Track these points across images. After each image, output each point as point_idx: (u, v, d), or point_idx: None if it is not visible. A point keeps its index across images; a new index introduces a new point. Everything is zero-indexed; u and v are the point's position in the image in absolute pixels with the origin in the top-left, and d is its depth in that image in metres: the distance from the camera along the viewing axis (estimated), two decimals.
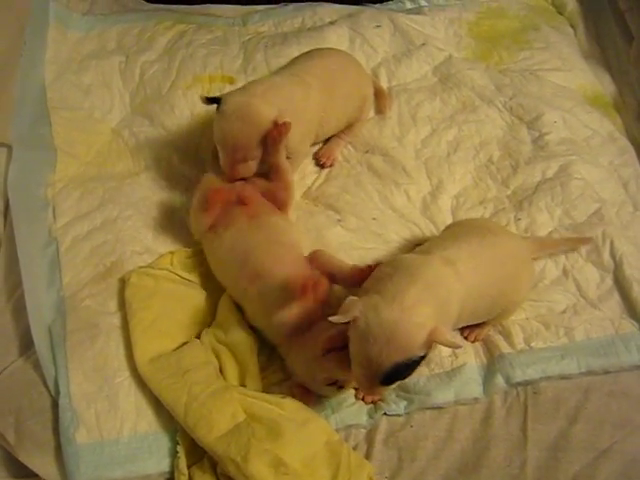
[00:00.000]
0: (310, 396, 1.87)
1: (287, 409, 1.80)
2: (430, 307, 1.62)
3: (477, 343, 2.03)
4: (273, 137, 2.06)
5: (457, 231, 1.98)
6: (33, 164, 2.30)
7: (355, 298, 1.66)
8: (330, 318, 1.63)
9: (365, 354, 1.60)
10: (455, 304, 1.73)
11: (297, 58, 2.40)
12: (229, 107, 2.04)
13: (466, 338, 2.04)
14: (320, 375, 1.82)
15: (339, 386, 1.84)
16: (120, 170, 2.39)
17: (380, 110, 2.55)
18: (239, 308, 2.00)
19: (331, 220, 2.26)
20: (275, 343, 1.95)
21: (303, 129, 2.20)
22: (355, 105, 2.40)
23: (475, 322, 1.98)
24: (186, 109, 2.52)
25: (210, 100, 2.10)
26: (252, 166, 2.11)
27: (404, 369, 1.62)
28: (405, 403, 1.90)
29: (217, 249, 2.03)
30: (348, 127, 2.43)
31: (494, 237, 1.90)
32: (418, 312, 1.59)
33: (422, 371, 1.94)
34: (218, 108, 2.06)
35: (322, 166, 2.41)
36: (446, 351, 1.98)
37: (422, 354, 1.61)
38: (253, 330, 1.97)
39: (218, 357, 1.92)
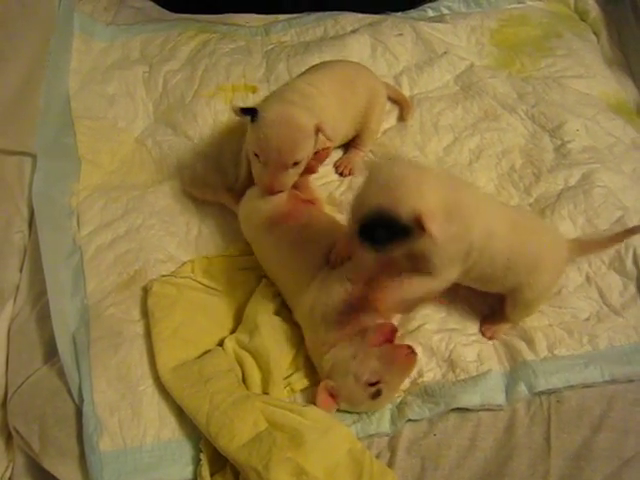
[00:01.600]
0: (333, 404, 1.87)
1: (309, 417, 1.80)
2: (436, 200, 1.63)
3: (501, 349, 2.02)
4: (321, 157, 2.10)
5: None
6: (58, 173, 2.32)
7: None
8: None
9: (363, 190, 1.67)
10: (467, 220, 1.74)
11: (308, 69, 2.39)
12: (271, 115, 2.01)
13: (483, 334, 2.05)
14: (364, 369, 1.82)
15: (377, 391, 1.82)
16: (144, 179, 2.41)
17: (402, 117, 2.55)
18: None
19: None
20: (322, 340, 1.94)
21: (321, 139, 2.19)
22: (364, 115, 2.39)
23: (486, 285, 1.99)
24: (209, 118, 2.53)
25: (244, 111, 2.06)
26: (292, 175, 2.08)
27: (379, 222, 1.60)
28: (430, 406, 1.89)
29: (293, 240, 2.04)
30: (362, 136, 2.43)
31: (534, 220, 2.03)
32: (437, 190, 1.64)
33: (448, 377, 1.96)
34: (254, 118, 2.03)
35: (341, 174, 2.42)
36: (471, 356, 1.99)
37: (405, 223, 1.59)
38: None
39: (241, 364, 1.93)
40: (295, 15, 2.97)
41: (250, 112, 2.03)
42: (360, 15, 2.93)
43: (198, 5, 3.02)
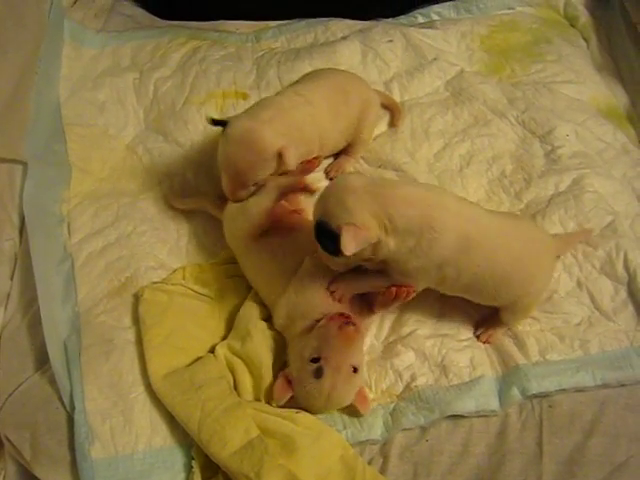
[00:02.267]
0: (288, 389, 1.86)
1: (301, 424, 1.80)
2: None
3: (493, 354, 2.02)
4: (310, 167, 2.13)
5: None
6: (48, 180, 2.32)
7: None
8: None
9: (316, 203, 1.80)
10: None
11: (302, 78, 2.40)
12: (234, 132, 2.04)
13: (478, 338, 2.06)
14: (305, 346, 1.84)
15: (318, 368, 1.81)
16: (134, 186, 2.41)
17: (393, 123, 2.55)
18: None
19: None
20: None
21: (303, 150, 2.20)
22: (356, 123, 2.38)
23: (478, 299, 1.99)
24: (200, 125, 2.53)
25: (216, 122, 2.08)
26: (252, 191, 2.11)
27: (321, 233, 1.75)
28: (425, 414, 1.89)
29: (275, 250, 2.04)
30: (353, 144, 2.43)
31: (527, 222, 2.02)
32: (364, 199, 1.72)
33: (441, 382, 1.96)
34: (224, 131, 2.05)
35: (331, 180, 2.41)
36: (464, 362, 1.99)
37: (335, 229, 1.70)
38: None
39: (233, 371, 1.93)
40: (285, 22, 2.97)
41: (221, 124, 2.06)
42: (350, 21, 2.93)
43: (189, 12, 3.01)
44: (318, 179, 2.37)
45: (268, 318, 2.03)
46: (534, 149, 2.46)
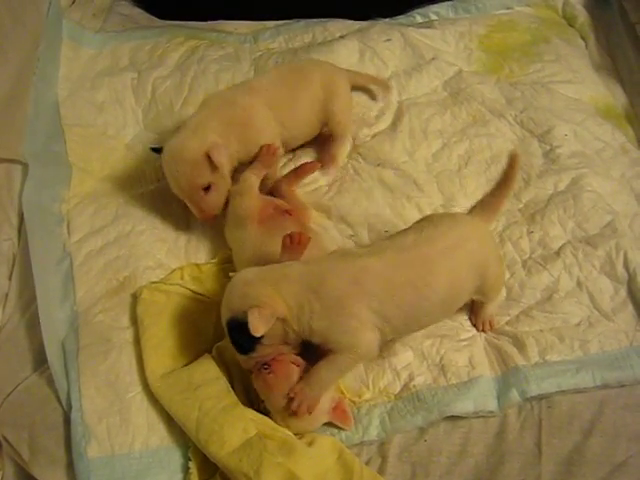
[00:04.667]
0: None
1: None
2: (273, 292, 1.74)
3: (492, 354, 2.02)
4: (305, 171, 2.20)
5: (402, 230, 1.96)
6: (48, 180, 2.32)
7: None
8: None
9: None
10: (341, 292, 1.75)
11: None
12: (165, 155, 2.11)
13: (475, 327, 2.07)
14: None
15: (265, 408, 1.84)
16: (134, 185, 2.41)
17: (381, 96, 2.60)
18: None
19: (344, 235, 2.26)
20: None
21: (255, 142, 2.22)
22: (325, 107, 2.38)
23: (441, 316, 1.99)
24: None
25: (155, 150, 2.17)
26: (215, 197, 2.15)
27: (235, 330, 1.75)
28: (424, 414, 1.89)
29: (261, 246, 2.02)
30: (332, 129, 2.42)
31: (433, 231, 1.85)
32: (257, 285, 1.75)
33: (439, 381, 1.95)
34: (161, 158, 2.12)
35: (324, 170, 2.42)
36: (462, 361, 1.99)
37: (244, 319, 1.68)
38: None
39: (229, 371, 1.92)
40: (283, 22, 2.97)
41: (159, 151, 2.14)
42: (349, 21, 2.93)
43: (187, 12, 3.01)
44: (315, 178, 2.38)
45: None
46: (533, 149, 2.46)
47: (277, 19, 2.99)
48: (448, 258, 1.81)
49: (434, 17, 3.02)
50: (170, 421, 1.86)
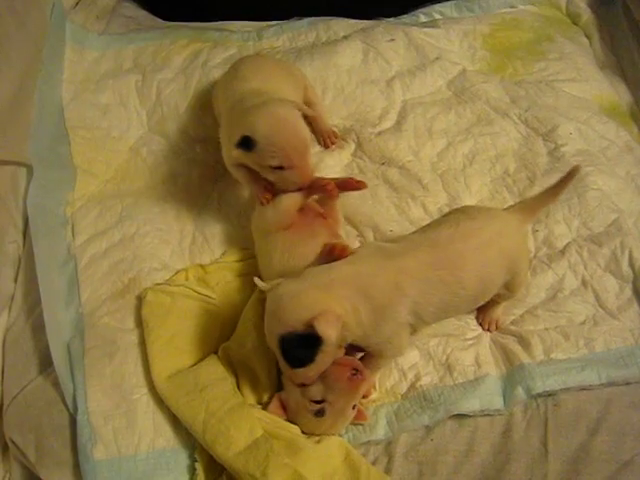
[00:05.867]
0: (282, 414, 1.86)
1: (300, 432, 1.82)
2: (330, 295, 1.67)
3: (498, 353, 2.02)
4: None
5: (435, 222, 1.98)
6: (53, 183, 2.32)
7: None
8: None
9: (266, 329, 1.72)
10: (386, 294, 1.73)
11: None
12: (269, 123, 1.96)
13: (481, 325, 2.08)
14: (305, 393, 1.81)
15: (320, 410, 1.80)
16: (138, 187, 2.42)
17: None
18: None
19: (350, 236, 2.26)
20: None
21: None
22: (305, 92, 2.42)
23: (466, 310, 2.02)
24: (202, 130, 2.54)
25: (242, 145, 1.99)
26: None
27: (295, 345, 1.64)
28: (430, 413, 1.89)
29: (290, 247, 2.00)
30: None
31: (469, 225, 1.86)
32: (309, 294, 1.65)
33: (446, 381, 1.95)
34: (251, 144, 1.97)
35: (326, 146, 2.47)
36: (468, 360, 1.99)
37: (310, 332, 1.62)
38: None
39: (236, 372, 1.92)
40: (287, 20, 2.96)
41: (244, 142, 1.98)
42: (352, 21, 2.92)
43: (191, 13, 3.00)
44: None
45: None
46: (537, 147, 2.46)
47: (280, 18, 2.98)
48: (481, 254, 1.83)
49: (438, 16, 3.01)
50: (176, 422, 1.86)
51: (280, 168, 1.98)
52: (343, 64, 2.64)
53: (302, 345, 1.64)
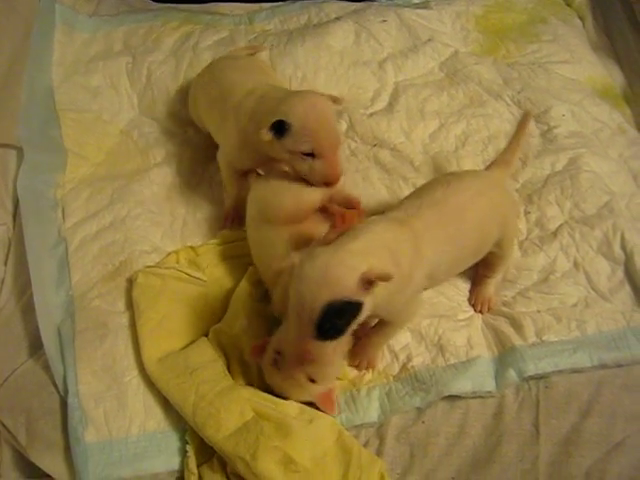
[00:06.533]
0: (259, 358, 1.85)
1: (293, 410, 1.81)
2: (369, 257, 1.57)
3: (489, 335, 2.02)
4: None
5: (424, 187, 1.97)
6: (43, 166, 2.32)
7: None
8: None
9: (299, 299, 1.54)
10: (409, 259, 1.69)
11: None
12: (303, 107, 1.92)
13: (474, 307, 2.08)
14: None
15: (275, 360, 1.77)
16: (129, 169, 2.41)
17: None
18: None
19: None
20: None
21: None
22: None
23: (467, 266, 2.00)
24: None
25: (275, 128, 1.93)
26: None
27: (337, 313, 1.53)
28: (422, 395, 1.89)
29: (298, 244, 1.92)
30: None
31: (458, 183, 1.89)
32: (351, 256, 1.55)
33: (438, 361, 1.95)
34: (284, 127, 1.92)
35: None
36: (460, 341, 1.99)
37: (356, 299, 1.54)
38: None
39: (226, 354, 1.92)
40: (279, 3, 2.95)
41: (277, 127, 1.93)
42: (344, 3, 2.91)
43: None
44: None
45: (263, 299, 2.01)
46: (530, 129, 2.42)
47: (273, 1, 2.97)
48: (476, 205, 1.86)
49: None
50: (167, 405, 1.85)
51: (311, 155, 1.94)
52: (335, 45, 2.63)
53: (345, 314, 1.56)
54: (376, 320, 1.87)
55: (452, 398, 1.90)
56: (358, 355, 1.93)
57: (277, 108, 1.94)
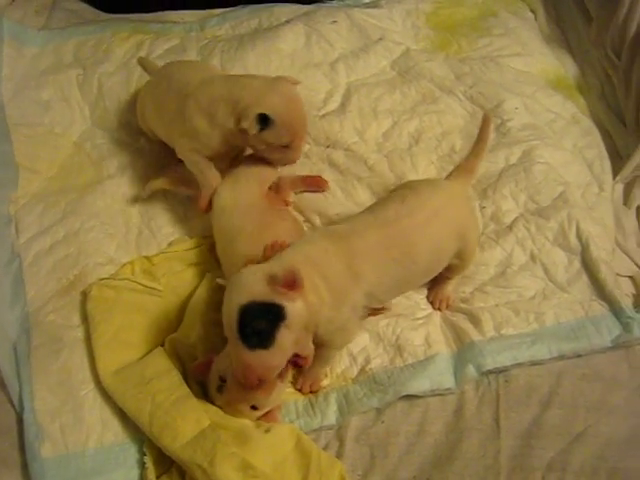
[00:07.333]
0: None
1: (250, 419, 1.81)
2: (286, 265, 1.60)
3: (448, 331, 2.02)
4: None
5: (380, 202, 1.97)
6: None
7: None
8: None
9: (224, 312, 1.62)
10: (339, 274, 1.70)
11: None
12: (281, 99, 1.98)
13: (432, 304, 2.08)
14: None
15: (220, 387, 1.77)
16: (82, 182, 2.38)
17: None
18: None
19: None
20: None
21: None
22: None
23: (419, 284, 2.01)
24: None
25: (261, 120, 1.97)
26: None
27: (254, 316, 1.55)
28: (379, 395, 1.88)
29: (258, 230, 1.96)
30: None
31: (415, 199, 1.87)
32: (266, 265, 1.61)
33: (396, 362, 1.95)
34: (266, 122, 1.96)
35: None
36: (418, 340, 1.99)
37: (271, 301, 1.55)
38: None
39: (182, 364, 1.91)
40: (230, 9, 2.93)
41: (260, 121, 1.97)
42: (295, 6, 2.89)
43: (133, 4, 2.97)
44: None
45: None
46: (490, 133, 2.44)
47: (224, 6, 2.95)
48: (429, 228, 1.83)
49: None
50: (124, 417, 1.84)
51: (286, 147, 2.03)
52: (285, 48, 2.62)
53: (263, 316, 1.56)
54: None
55: (411, 397, 1.90)
56: (301, 378, 1.92)
57: (259, 100, 1.97)
